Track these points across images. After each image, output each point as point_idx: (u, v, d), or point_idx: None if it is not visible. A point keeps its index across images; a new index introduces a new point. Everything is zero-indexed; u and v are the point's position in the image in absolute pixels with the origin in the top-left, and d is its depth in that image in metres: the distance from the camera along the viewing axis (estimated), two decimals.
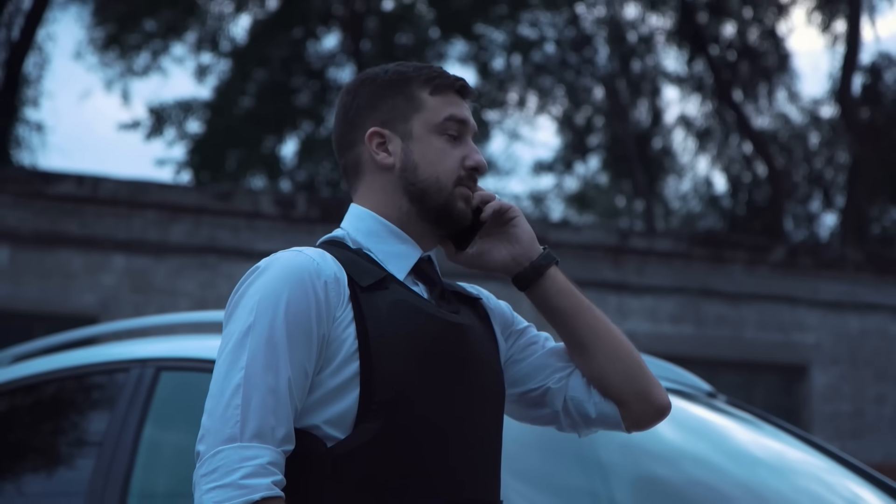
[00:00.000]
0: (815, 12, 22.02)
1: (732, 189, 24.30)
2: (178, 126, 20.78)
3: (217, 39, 21.08)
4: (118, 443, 3.35)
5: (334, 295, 2.00)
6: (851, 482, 3.79)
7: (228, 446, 1.89)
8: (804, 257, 14.72)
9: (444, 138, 2.14)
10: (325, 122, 21.31)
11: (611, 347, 2.20)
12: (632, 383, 2.20)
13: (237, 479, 1.87)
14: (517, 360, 2.25)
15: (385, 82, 2.16)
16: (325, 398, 1.98)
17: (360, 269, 2.05)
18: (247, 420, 1.90)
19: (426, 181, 2.12)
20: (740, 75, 22.45)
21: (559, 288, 2.20)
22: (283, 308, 1.96)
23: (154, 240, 12.22)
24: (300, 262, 2.00)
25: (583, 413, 2.22)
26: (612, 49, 22.47)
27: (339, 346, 1.99)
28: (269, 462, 1.90)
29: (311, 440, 1.97)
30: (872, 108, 23.01)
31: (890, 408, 14.82)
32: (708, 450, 3.81)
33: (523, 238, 2.21)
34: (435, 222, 2.14)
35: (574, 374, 2.23)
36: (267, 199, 12.87)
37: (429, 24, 21.18)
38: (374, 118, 2.14)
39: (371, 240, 2.11)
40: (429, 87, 2.16)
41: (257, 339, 1.95)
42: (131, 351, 3.60)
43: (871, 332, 14.87)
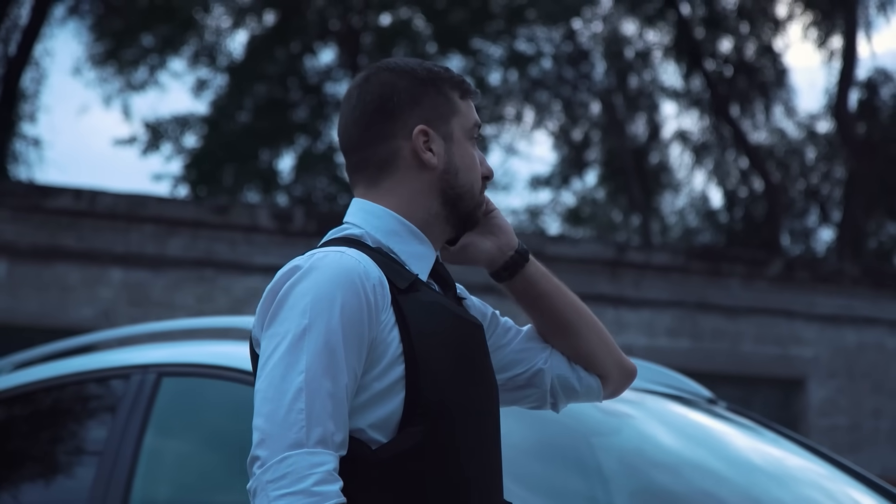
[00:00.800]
0: (811, 28, 22.06)
1: (729, 204, 24.32)
2: (174, 141, 20.79)
3: (214, 54, 21.10)
4: (119, 450, 3.34)
5: (380, 297, 1.96)
6: (853, 489, 3.78)
7: (296, 452, 1.85)
8: (801, 271, 14.73)
9: (471, 144, 2.14)
10: (322, 136, 21.32)
11: (590, 323, 2.27)
12: (611, 353, 2.28)
13: (309, 486, 1.83)
14: (500, 347, 2.25)
15: (424, 79, 2.10)
16: (371, 401, 1.96)
17: (395, 271, 2.02)
18: (312, 425, 1.87)
19: (464, 186, 2.11)
20: (737, 90, 22.48)
21: (542, 272, 2.25)
22: (338, 310, 1.92)
23: (151, 253, 12.21)
24: (348, 263, 1.96)
25: (568, 388, 2.27)
26: (609, 64, 22.51)
27: (384, 349, 1.96)
28: (335, 468, 1.87)
29: (356, 444, 1.94)
30: (869, 123, 23.05)
31: (887, 421, 14.81)
32: (708, 456, 3.80)
33: (505, 228, 2.23)
34: (459, 226, 2.14)
35: (554, 353, 2.27)
36: (264, 212, 12.87)
37: (426, 39, 21.20)
38: (418, 114, 2.08)
39: (392, 240, 2.07)
40: (458, 90, 2.13)
41: (315, 341, 1.91)
42: (132, 357, 3.60)
43: (868, 346, 14.87)
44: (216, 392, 3.28)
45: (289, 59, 21.08)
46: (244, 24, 21.19)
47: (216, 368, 3.26)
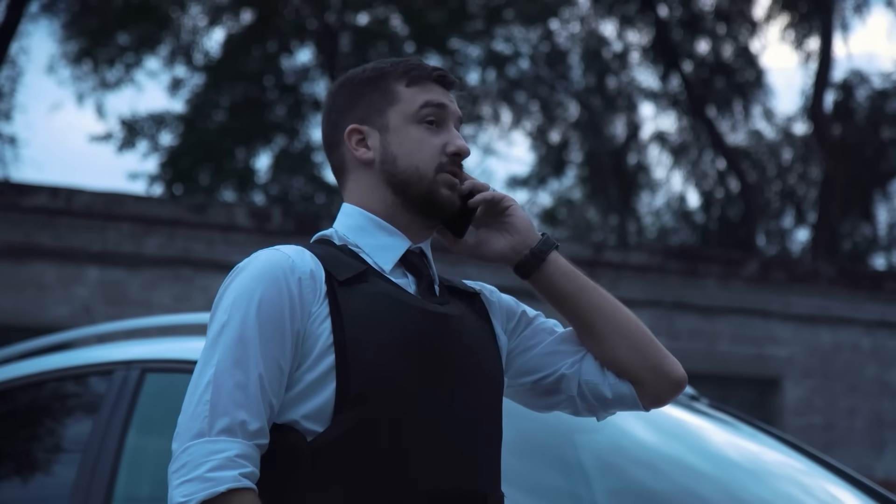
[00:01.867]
0: (789, 29, 22.15)
1: (705, 204, 24.39)
2: (150, 139, 20.71)
3: (191, 53, 21.03)
4: (102, 446, 3.32)
5: (309, 291, 2.01)
6: (835, 486, 3.80)
7: (197, 441, 1.92)
8: (777, 271, 14.78)
9: (423, 127, 2.15)
10: (299, 135, 21.29)
11: (619, 326, 2.21)
12: (644, 359, 2.21)
13: (203, 473, 1.89)
14: (526, 349, 2.25)
15: (363, 80, 2.19)
16: (303, 393, 2.00)
17: (339, 264, 2.06)
18: (215, 415, 1.93)
19: (406, 171, 2.13)
20: (714, 91, 22.55)
21: (562, 272, 2.21)
22: (255, 305, 1.99)
23: (128, 252, 12.17)
24: (275, 259, 2.03)
25: (599, 395, 2.23)
26: (587, 65, 22.54)
27: (314, 341, 2.00)
28: (238, 455, 1.92)
29: (292, 435, 1.99)
30: (844, 124, 23.16)
31: (861, 421, 14.89)
32: (691, 453, 3.81)
33: (520, 226, 2.21)
34: (421, 212, 2.15)
35: (586, 358, 2.23)
36: (242, 211, 12.84)
37: (403, 39, 21.19)
38: (353, 116, 2.17)
39: (359, 235, 2.14)
40: (405, 79, 2.17)
41: (229, 336, 1.98)
42: (115, 353, 3.57)
43: (843, 346, 14.94)
44: None
45: (265, 59, 21.02)
46: (221, 22, 21.13)
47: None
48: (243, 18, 21.12)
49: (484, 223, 2.24)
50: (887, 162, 23.45)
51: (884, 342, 15.09)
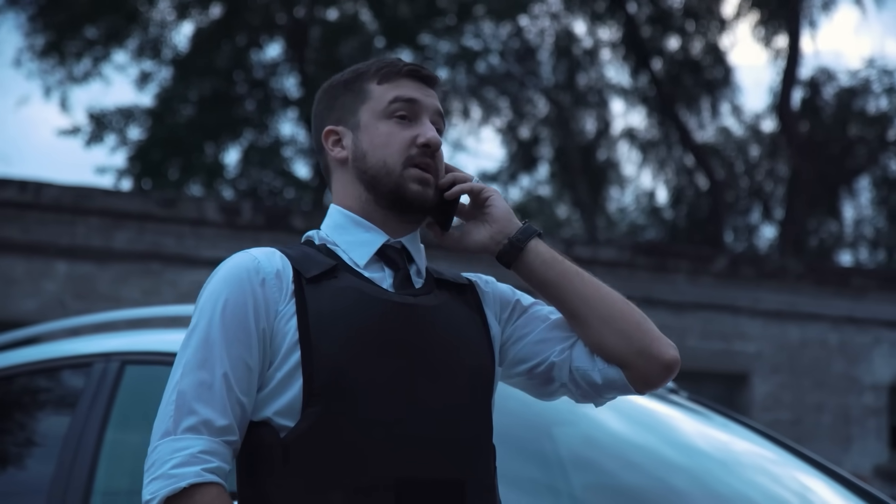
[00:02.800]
0: (758, 27, 22.25)
1: (674, 201, 24.48)
2: (118, 133, 20.59)
3: (159, 47, 20.92)
4: (81, 439, 3.30)
5: (274, 291, 2.07)
6: (810, 476, 3.82)
7: (163, 440, 1.98)
8: (746, 267, 14.85)
9: (393, 122, 2.18)
10: (268, 130, 21.22)
11: (603, 311, 2.20)
12: (631, 343, 2.19)
13: (167, 470, 1.95)
14: (520, 338, 2.26)
15: (340, 83, 2.24)
16: (274, 390, 2.04)
17: (309, 262, 2.11)
18: (180, 414, 1.99)
19: (374, 166, 2.17)
20: (683, 88, 22.63)
21: (543, 259, 2.22)
22: (220, 307, 2.05)
23: (97, 246, 12.10)
24: (241, 262, 2.09)
25: (590, 382, 2.23)
26: (557, 61, 22.56)
27: (282, 339, 2.05)
28: (202, 451, 1.97)
29: (266, 431, 2.04)
30: (811, 121, 23.30)
31: (828, 416, 14.98)
32: (670, 446, 3.82)
33: (498, 216, 2.23)
34: (392, 206, 2.18)
35: (577, 345, 2.24)
36: (212, 206, 12.79)
37: (373, 34, 21.16)
38: (330, 118, 2.23)
39: (336, 232, 2.19)
40: (377, 77, 2.21)
41: (196, 338, 2.05)
42: (95, 345, 3.55)
43: (810, 342, 15.03)
44: None
45: (234, 53, 20.94)
46: (189, 16, 21.04)
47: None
48: (212, 12, 21.03)
49: (471, 215, 2.26)
50: (853, 159, 23.62)
51: (851, 338, 15.19)
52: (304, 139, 21.58)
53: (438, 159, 2.21)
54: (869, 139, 23.60)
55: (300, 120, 21.26)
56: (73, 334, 5.42)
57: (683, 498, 3.61)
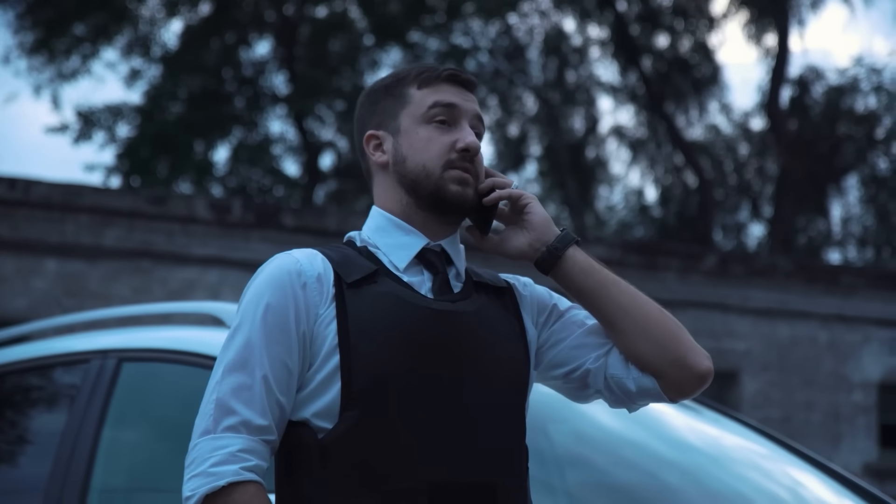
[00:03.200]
0: (748, 25, 22.29)
1: (663, 199, 24.51)
2: (107, 130, 20.55)
3: (148, 44, 20.89)
4: (78, 436, 3.29)
5: (315, 294, 2.10)
6: (811, 474, 3.82)
7: (203, 438, 2.02)
8: (736, 265, 14.88)
9: (433, 126, 2.21)
10: (258, 127, 21.20)
11: (639, 320, 2.22)
12: (665, 353, 2.21)
13: (207, 468, 1.99)
14: (556, 342, 2.28)
15: (380, 89, 2.27)
16: (313, 392, 2.08)
17: (350, 266, 2.14)
18: (220, 413, 2.03)
19: (414, 170, 2.19)
20: (672, 86, 22.66)
21: (580, 268, 2.23)
22: (262, 309, 2.08)
23: (87, 244, 12.07)
24: (283, 264, 2.12)
25: (624, 389, 2.25)
26: (546, 59, 22.58)
27: (321, 342, 2.08)
28: (241, 450, 2.00)
29: (304, 432, 2.07)
30: (800, 120, 23.35)
31: (818, 414, 15.01)
32: (663, 441, 3.82)
33: (537, 224, 2.26)
34: (432, 209, 2.20)
35: (612, 351, 2.25)
36: (202, 203, 12.76)
37: (363, 32, 21.15)
38: (371, 123, 2.26)
39: (377, 235, 2.21)
40: (417, 81, 2.24)
41: (238, 339, 2.09)
42: (92, 342, 3.54)
43: (800, 340, 15.06)
44: (178, 377, 3.25)
45: (224, 50, 20.91)
46: (178, 14, 21.01)
47: (178, 353, 3.23)
48: (201, 10, 21.01)
49: (511, 220, 2.29)
50: (842, 158, 23.67)
51: (840, 336, 15.23)
52: (293, 137, 21.58)
53: (478, 163, 2.24)
54: (857, 137, 23.66)
55: (289, 117, 21.25)
56: (68, 332, 5.40)
57: (675, 493, 3.61)
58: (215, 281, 12.43)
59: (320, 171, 21.71)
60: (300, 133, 21.29)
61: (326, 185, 22.18)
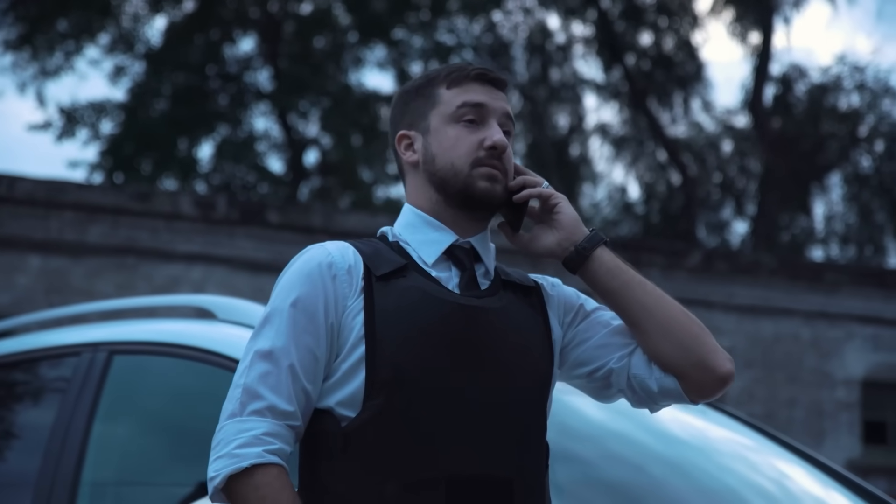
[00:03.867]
0: (733, 23, 22.34)
1: (646, 196, 24.54)
2: (90, 127, 20.49)
3: (132, 41, 20.83)
4: (69, 430, 3.27)
5: (345, 286, 2.15)
6: (788, 462, 3.83)
7: (229, 421, 2.08)
8: (720, 262, 14.91)
9: (461, 125, 2.25)
10: (242, 124, 21.16)
11: (663, 321, 2.24)
12: (688, 355, 2.23)
13: (231, 449, 2.04)
14: (581, 342, 2.31)
15: (411, 89, 2.33)
16: (338, 381, 2.12)
17: (380, 260, 2.19)
18: (247, 398, 2.09)
19: (443, 169, 2.24)
20: (656, 84, 22.69)
21: (607, 268, 2.27)
22: (292, 299, 2.14)
23: (71, 240, 12.05)
24: (315, 256, 2.18)
25: (646, 389, 2.28)
26: (530, 56, 22.59)
27: (348, 333, 2.13)
28: (265, 433, 2.06)
29: (328, 419, 2.12)
30: (783, 118, 23.40)
31: (801, 411, 15.06)
32: (648, 432, 3.83)
33: (566, 223, 2.29)
34: (462, 206, 2.24)
35: (636, 352, 2.28)
36: (187, 200, 12.74)
37: (347, 29, 21.12)
38: (403, 123, 2.32)
39: (408, 231, 2.26)
40: (446, 81, 2.28)
41: (268, 328, 2.15)
42: (82, 334, 3.53)
43: (783, 337, 15.10)
44: (170, 370, 3.24)
45: (208, 47, 20.88)
46: (162, 10, 20.95)
47: (171, 346, 3.22)
48: (185, 7, 20.96)
49: (541, 220, 2.32)
50: (825, 155, 23.74)
51: (823, 333, 15.28)
52: (277, 134, 21.54)
53: (507, 160, 2.27)
54: (840, 135, 23.73)
55: (273, 114, 21.21)
56: (55, 326, 5.37)
57: (661, 485, 3.61)
58: (200, 277, 12.41)
59: (304, 168, 21.69)
60: (284, 130, 21.27)
61: (310, 182, 22.16)
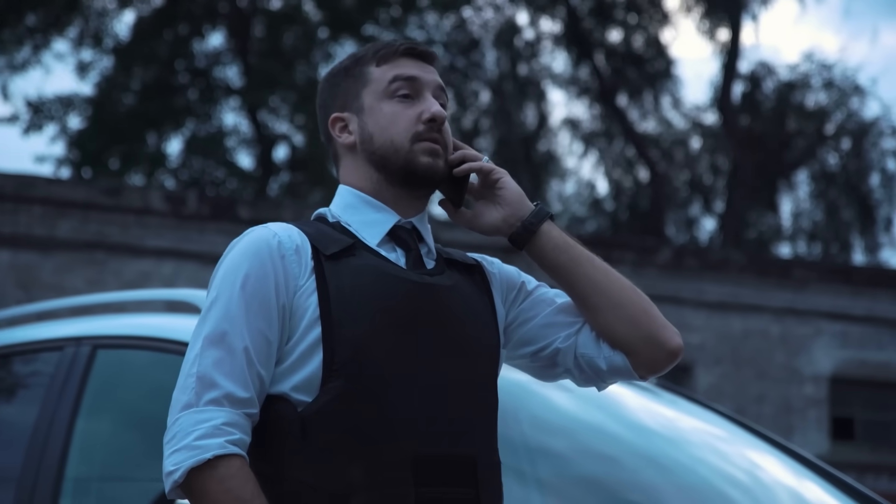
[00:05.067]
0: (703, 20, 22.41)
1: (615, 192, 24.60)
2: (58, 122, 20.36)
3: (100, 35, 20.70)
4: (51, 426, 3.24)
5: (294, 266, 2.07)
6: (760, 452, 3.85)
7: (185, 412, 1.98)
8: (690, 259, 14.97)
9: (396, 101, 2.18)
10: (211, 120, 21.08)
11: (612, 297, 2.21)
12: (637, 330, 2.20)
13: (191, 441, 1.95)
14: (525, 321, 2.26)
15: (339, 71, 2.25)
16: (293, 365, 2.04)
17: (326, 240, 2.11)
18: (202, 387, 1.99)
19: (382, 147, 2.17)
20: (625, 80, 22.75)
21: (555, 244, 2.22)
22: (240, 281, 2.05)
23: (40, 235, 11.97)
24: (261, 236, 2.09)
25: (595, 367, 2.24)
26: (500, 53, 22.60)
27: (302, 314, 2.04)
28: (225, 423, 1.97)
29: (283, 405, 2.03)
30: (751, 115, 23.51)
31: (770, 407, 15.14)
32: (635, 429, 3.83)
33: (510, 198, 2.23)
34: (403, 183, 2.18)
35: (583, 330, 2.24)
36: (157, 195, 12.69)
37: (317, 25, 21.07)
38: (335, 106, 2.23)
39: (348, 212, 2.18)
40: (375, 59, 2.21)
41: (216, 311, 2.04)
42: (65, 328, 3.50)
43: (752, 333, 15.18)
44: (155, 364, 3.22)
45: (176, 42, 20.77)
46: (130, 5, 20.84)
47: (155, 340, 3.20)
48: (153, 1, 20.86)
49: (482, 195, 2.26)
50: (792, 153, 23.85)
51: (792, 329, 15.36)
52: (246, 129, 21.47)
53: (445, 133, 2.21)
54: (807, 133, 23.85)
55: (243, 110, 21.14)
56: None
57: (635, 475, 3.61)
58: (170, 273, 12.36)
59: (274, 164, 21.63)
60: (254, 125, 21.20)
61: (280, 177, 22.10)
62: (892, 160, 23.77)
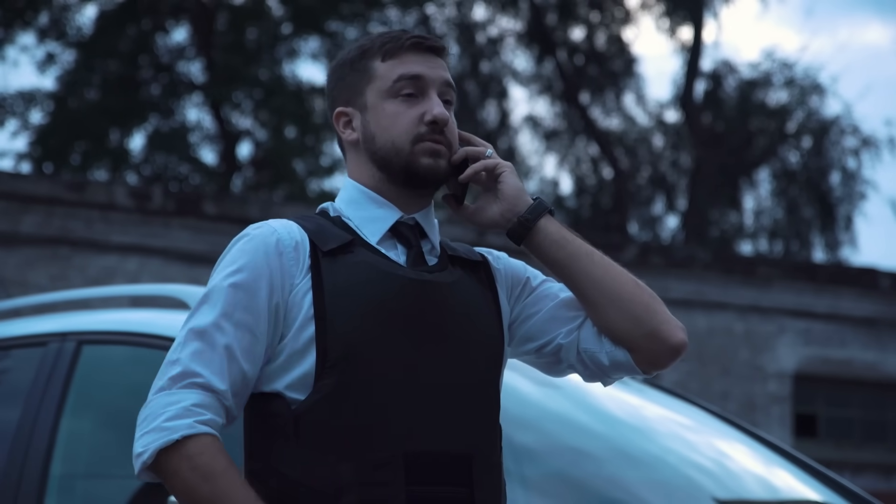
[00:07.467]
0: (662, 18, 22.49)
1: (578, 190, 24.64)
2: (20, 117, 20.18)
3: (63, 29, 20.53)
4: (35, 423, 3.21)
5: (291, 264, 2.07)
6: (730, 440, 3.86)
7: (157, 395, 1.99)
8: (654, 256, 15.02)
9: (399, 100, 2.16)
10: (174, 115, 20.96)
11: (613, 293, 2.19)
12: (639, 326, 2.19)
13: (160, 423, 1.95)
14: (529, 317, 2.25)
15: (346, 62, 2.22)
16: (286, 363, 2.05)
17: (326, 236, 2.11)
18: (177, 373, 1.99)
19: (383, 148, 2.16)
20: (588, 78, 22.79)
21: (552, 239, 2.21)
22: (233, 279, 2.06)
23: (4, 230, 11.86)
24: (260, 234, 2.10)
25: (597, 363, 2.22)
26: (462, 49, 22.60)
27: (297, 312, 2.05)
28: (194, 404, 1.97)
29: (277, 403, 2.04)
30: (714, 113, 23.62)
31: (734, 404, 15.20)
32: (615, 424, 3.83)
33: (509, 194, 2.21)
34: (405, 183, 2.17)
35: (585, 325, 2.23)
36: (122, 191, 12.59)
37: (281, 20, 21.00)
38: (340, 99, 2.22)
39: (350, 207, 2.18)
40: (380, 54, 2.18)
41: (206, 306, 2.06)
42: (49, 324, 3.47)
43: (717, 330, 15.24)
44: (141, 360, 3.18)
45: (140, 37, 20.64)
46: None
47: (142, 336, 3.17)
48: None
49: (487, 188, 2.25)
50: (754, 151, 23.98)
51: (756, 327, 15.43)
52: (210, 125, 21.36)
53: (450, 132, 2.19)
54: (769, 131, 23.98)
55: (206, 105, 21.03)
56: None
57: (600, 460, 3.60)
58: (135, 269, 12.27)
59: (237, 160, 21.53)
60: (217, 121, 21.09)
61: (243, 173, 22.00)
62: (852, 158, 23.92)
